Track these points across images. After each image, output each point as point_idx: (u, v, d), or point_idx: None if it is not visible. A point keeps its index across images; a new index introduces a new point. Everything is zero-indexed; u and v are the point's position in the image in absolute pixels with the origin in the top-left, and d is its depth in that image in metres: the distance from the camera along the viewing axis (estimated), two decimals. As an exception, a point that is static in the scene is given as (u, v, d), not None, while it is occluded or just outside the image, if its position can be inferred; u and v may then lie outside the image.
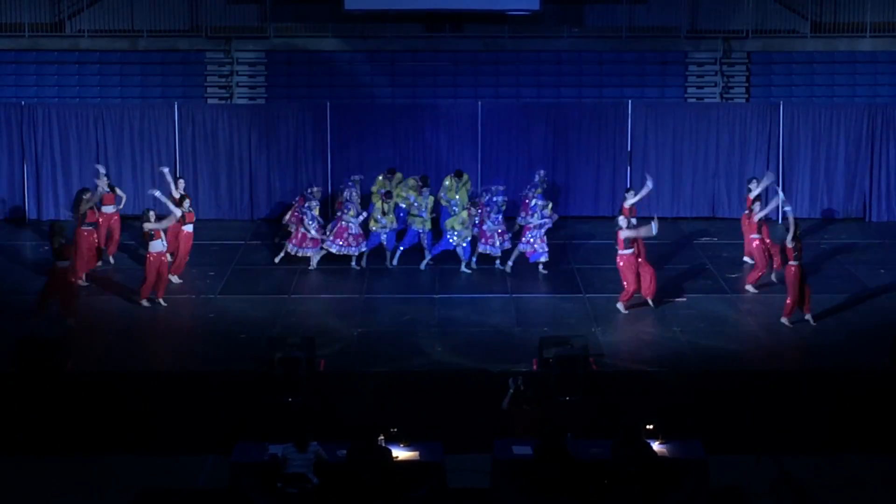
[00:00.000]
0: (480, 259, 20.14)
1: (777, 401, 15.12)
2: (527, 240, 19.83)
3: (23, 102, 23.51)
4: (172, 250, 19.08)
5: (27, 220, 23.38)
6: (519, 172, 23.21)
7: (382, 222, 20.17)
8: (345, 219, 19.93)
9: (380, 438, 12.49)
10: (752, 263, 19.55)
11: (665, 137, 23.62)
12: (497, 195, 20.16)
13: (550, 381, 15.12)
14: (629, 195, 20.10)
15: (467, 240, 19.90)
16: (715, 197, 23.71)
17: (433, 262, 20.17)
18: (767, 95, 24.62)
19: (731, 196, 23.41)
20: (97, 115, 23.37)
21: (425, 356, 16.36)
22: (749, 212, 19.55)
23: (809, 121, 23.54)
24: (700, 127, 23.63)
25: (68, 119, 23.35)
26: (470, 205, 20.09)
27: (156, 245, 17.99)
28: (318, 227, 20.00)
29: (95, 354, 16.31)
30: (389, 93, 24.64)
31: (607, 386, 15.33)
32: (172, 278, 19.13)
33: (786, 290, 17.48)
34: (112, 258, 20.31)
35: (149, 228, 17.91)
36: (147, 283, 18.11)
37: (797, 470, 13.46)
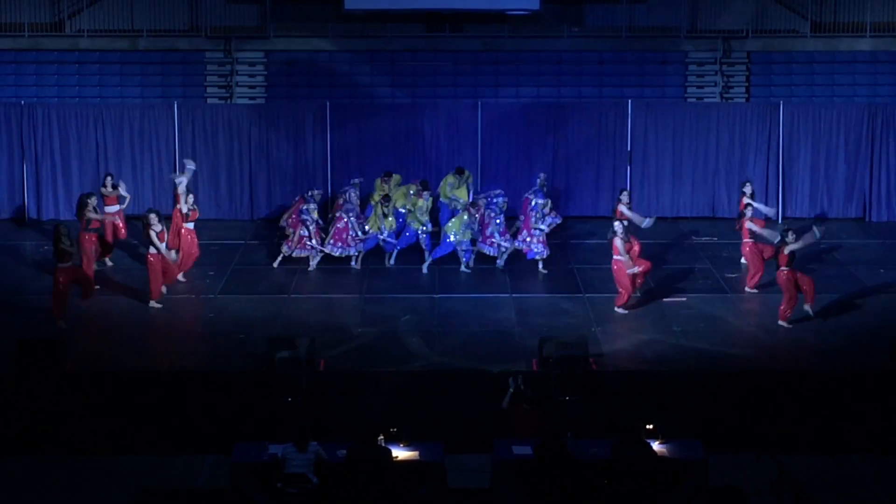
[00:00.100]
0: (480, 259, 20.14)
1: (777, 401, 15.13)
2: (523, 237, 19.86)
3: (23, 102, 23.50)
4: (174, 247, 19.07)
5: (27, 220, 23.38)
6: (519, 172, 23.20)
7: (382, 226, 20.18)
8: (346, 218, 19.94)
9: (380, 438, 12.48)
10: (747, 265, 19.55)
11: (665, 137, 23.60)
12: (497, 197, 20.22)
13: (550, 381, 15.13)
14: (624, 196, 20.04)
15: (467, 240, 19.90)
16: (715, 197, 23.69)
17: (434, 263, 20.16)
18: (767, 95, 24.59)
19: (731, 196, 23.34)
20: (97, 115, 23.35)
21: (425, 356, 16.36)
22: (740, 216, 19.51)
23: (809, 121, 23.52)
24: (700, 127, 23.61)
25: (68, 119, 23.33)
26: (470, 205, 20.10)
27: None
28: (317, 230, 20.00)
29: (95, 354, 16.33)
30: (389, 93, 24.61)
31: (607, 386, 15.34)
32: (180, 277, 19.16)
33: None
34: (109, 260, 20.29)
35: (154, 238, 17.95)
36: (155, 284, 18.14)
37: (797, 470, 13.43)
